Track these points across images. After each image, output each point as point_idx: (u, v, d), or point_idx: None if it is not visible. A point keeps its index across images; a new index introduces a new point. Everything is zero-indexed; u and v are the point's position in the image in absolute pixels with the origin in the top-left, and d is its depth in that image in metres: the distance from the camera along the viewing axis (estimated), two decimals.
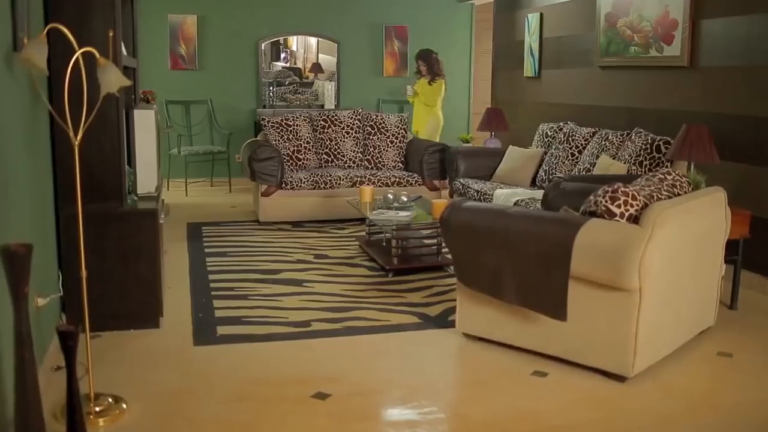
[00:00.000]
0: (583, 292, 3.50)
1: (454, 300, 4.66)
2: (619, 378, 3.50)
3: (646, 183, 3.88)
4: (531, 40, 7.97)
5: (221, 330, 4.16)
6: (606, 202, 3.50)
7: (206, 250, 5.99)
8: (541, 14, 7.78)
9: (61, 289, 3.91)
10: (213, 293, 4.85)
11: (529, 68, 8.04)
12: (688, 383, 3.57)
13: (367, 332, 4.18)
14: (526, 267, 3.58)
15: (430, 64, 8.59)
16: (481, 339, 3.99)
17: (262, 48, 9.48)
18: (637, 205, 3.50)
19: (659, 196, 3.70)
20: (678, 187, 3.91)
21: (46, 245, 3.72)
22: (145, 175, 4.32)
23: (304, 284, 5.09)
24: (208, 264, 5.57)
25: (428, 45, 9.98)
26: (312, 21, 9.60)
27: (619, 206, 3.48)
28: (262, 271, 5.40)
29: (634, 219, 3.49)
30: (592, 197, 3.62)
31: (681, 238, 3.58)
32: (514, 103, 8.37)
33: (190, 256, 5.82)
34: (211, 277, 5.23)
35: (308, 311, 4.51)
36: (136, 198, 4.20)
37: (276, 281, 5.15)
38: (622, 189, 3.51)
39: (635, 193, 3.52)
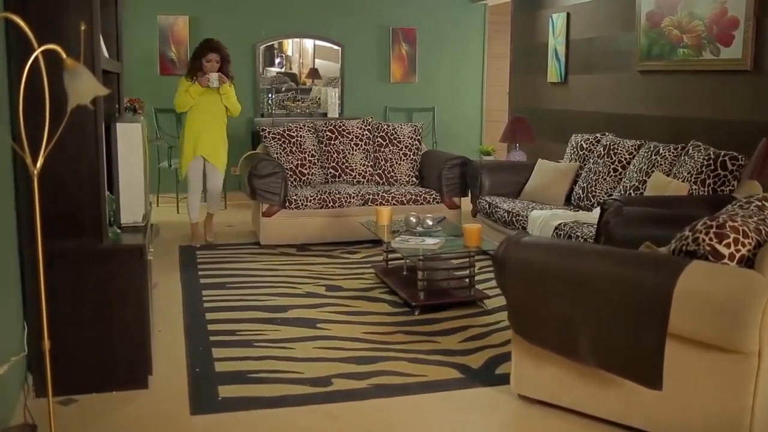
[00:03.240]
0: (681, 353, 2.78)
1: (497, 346, 3.99)
2: None
3: (745, 213, 3.16)
4: (556, 42, 7.27)
5: (223, 391, 3.42)
6: (711, 240, 2.79)
7: (201, 281, 5.24)
8: (568, 14, 7.08)
9: (26, 346, 3.17)
10: (211, 338, 4.11)
11: (553, 73, 7.34)
12: None
13: (400, 392, 3.44)
14: (608, 321, 2.85)
15: (226, 63, 6.28)
16: (542, 403, 3.27)
17: (260, 52, 8.75)
18: (749, 243, 2.79)
19: (766, 230, 2.99)
20: None
21: (6, 292, 2.98)
22: (131, 202, 3.58)
23: (318, 325, 4.35)
24: (204, 298, 4.83)
25: (439, 48, 9.32)
26: (313, 23, 8.88)
27: (728, 246, 2.76)
28: (267, 308, 4.66)
29: (746, 261, 2.78)
30: (688, 232, 2.90)
31: None
32: (537, 112, 7.66)
33: (183, 288, 5.08)
34: (209, 316, 4.49)
35: (326, 363, 3.77)
36: (119, 231, 3.45)
37: (284, 321, 4.41)
38: (730, 224, 2.80)
39: (746, 230, 2.81)
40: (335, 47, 9.05)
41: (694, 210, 4.24)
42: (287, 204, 6.17)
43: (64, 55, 2.22)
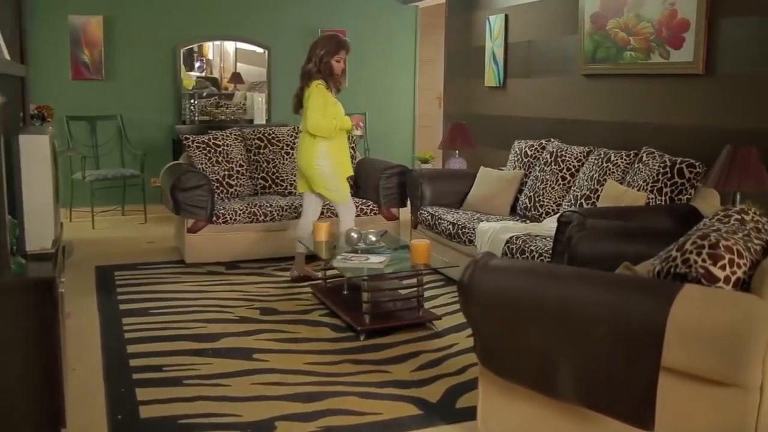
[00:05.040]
0: (674, 388, 2.49)
1: (454, 374, 3.67)
2: None
3: (729, 227, 2.91)
4: (494, 45, 7.01)
5: None
6: (705, 261, 2.50)
7: (121, 307, 4.75)
8: (506, 16, 6.83)
9: None
10: (134, 376, 3.64)
11: (491, 77, 7.07)
12: None
13: None
14: (592, 354, 2.54)
15: None
16: None
17: (181, 55, 8.21)
18: (744, 264, 2.52)
19: (754, 247, 2.73)
20: (764, 231, 2.95)
21: None
22: (37, 226, 3.09)
23: (255, 356, 3.93)
24: (125, 328, 4.35)
25: (369, 52, 8.99)
26: (238, 25, 8.40)
27: (723, 268, 2.48)
28: (196, 336, 4.21)
29: (742, 284, 2.51)
30: (675, 252, 2.62)
31: None
32: (474, 117, 7.37)
33: (100, 316, 4.57)
34: (130, 348, 4.02)
35: (267, 402, 3.35)
36: (23, 261, 2.96)
37: (217, 353, 3.97)
38: (724, 243, 2.52)
39: (740, 249, 2.54)
40: (258, 50, 8.61)
41: (657, 222, 4.02)
42: (214, 218, 5.71)
43: None
